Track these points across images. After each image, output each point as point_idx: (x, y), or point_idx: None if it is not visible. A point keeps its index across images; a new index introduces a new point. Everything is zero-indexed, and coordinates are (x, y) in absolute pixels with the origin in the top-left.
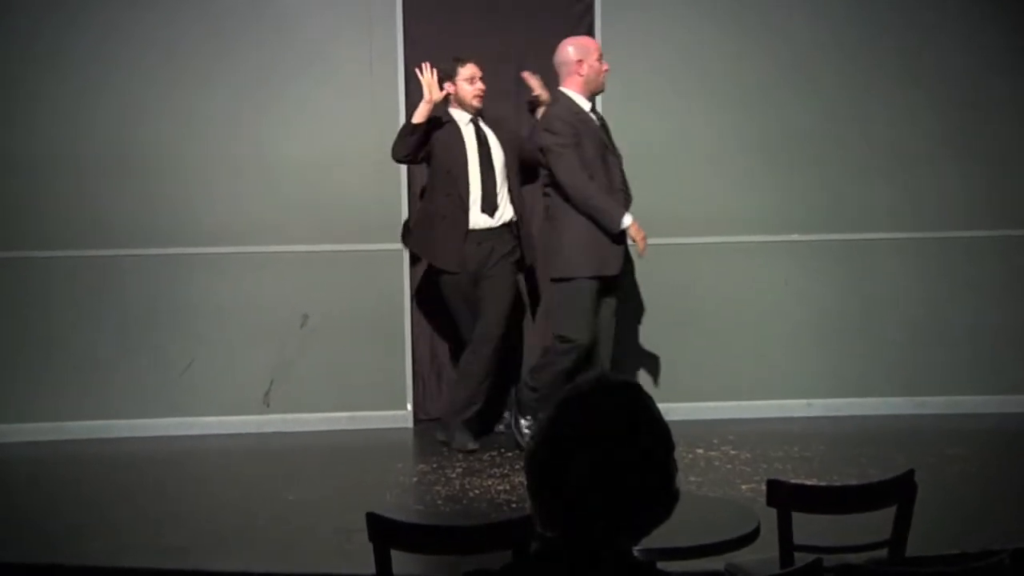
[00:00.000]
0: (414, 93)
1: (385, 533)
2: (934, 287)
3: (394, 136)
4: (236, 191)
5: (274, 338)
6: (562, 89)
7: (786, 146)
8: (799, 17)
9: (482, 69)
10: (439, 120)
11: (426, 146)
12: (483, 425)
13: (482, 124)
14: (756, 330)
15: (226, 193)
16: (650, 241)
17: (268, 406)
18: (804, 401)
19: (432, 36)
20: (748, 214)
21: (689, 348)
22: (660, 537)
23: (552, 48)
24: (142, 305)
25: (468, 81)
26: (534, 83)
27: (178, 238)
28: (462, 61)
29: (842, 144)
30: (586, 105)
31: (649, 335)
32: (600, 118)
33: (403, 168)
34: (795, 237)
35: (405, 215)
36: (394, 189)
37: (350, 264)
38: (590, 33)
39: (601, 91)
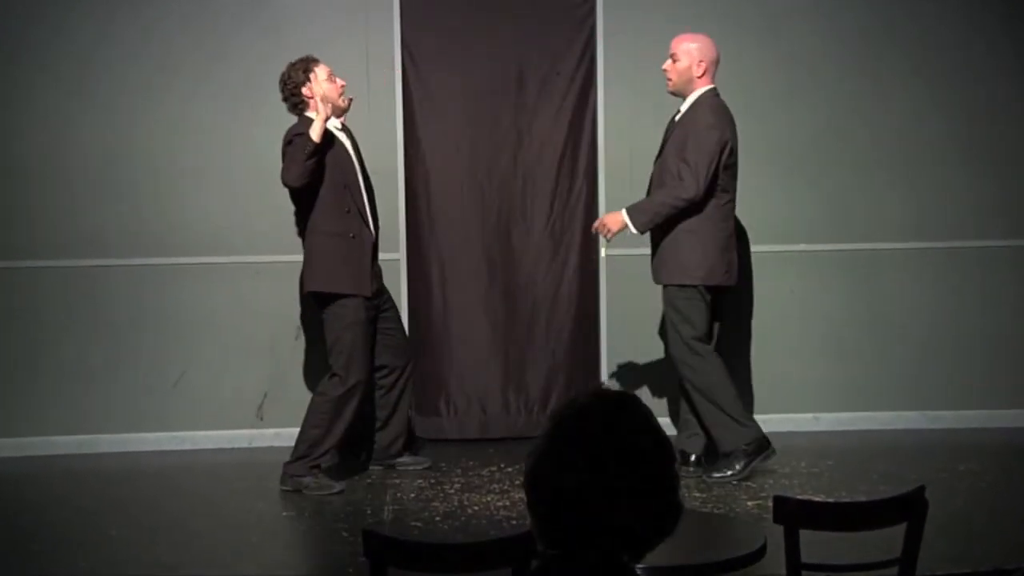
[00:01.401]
0: (411, 100)
1: (382, 550)
2: (943, 298)
3: (392, 143)
4: (229, 200)
5: (268, 350)
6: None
7: (792, 154)
8: (805, 22)
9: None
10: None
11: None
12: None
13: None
14: (762, 342)
15: (218, 202)
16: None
17: (261, 420)
18: (811, 415)
19: (429, 41)
20: (754, 223)
21: None
22: (664, 554)
23: (552, 52)
24: (133, 316)
25: (328, 80)
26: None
27: (169, 248)
28: (315, 61)
29: (850, 153)
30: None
31: (650, 347)
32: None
33: (400, 175)
34: (802, 247)
35: (403, 224)
36: (391, 197)
37: None
38: (592, 37)
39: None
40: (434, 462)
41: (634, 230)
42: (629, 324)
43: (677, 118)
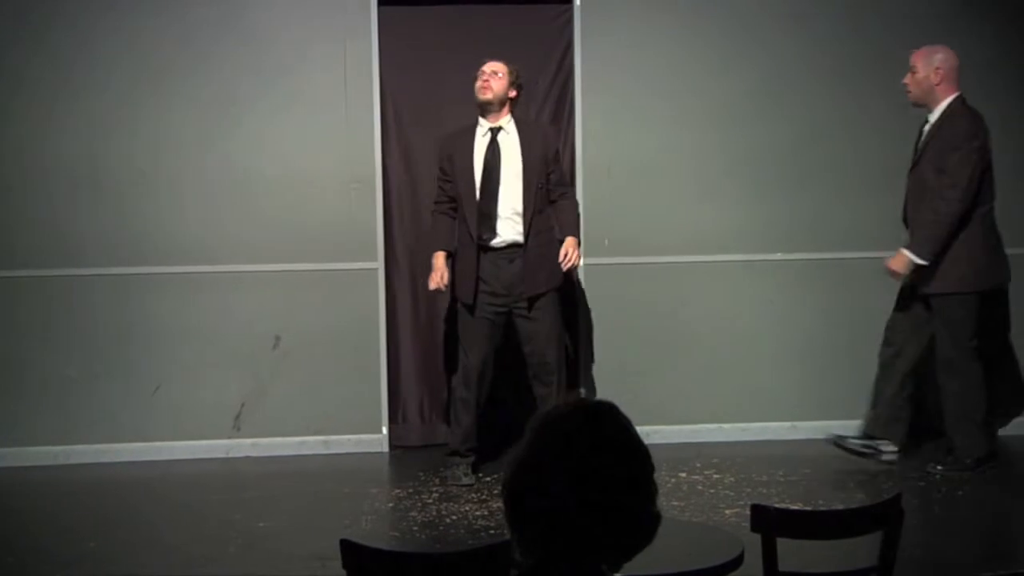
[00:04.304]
0: (389, 109)
1: (359, 561)
2: None
3: (369, 153)
4: (207, 209)
5: (245, 360)
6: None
7: (770, 164)
8: (784, 33)
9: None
10: (460, 138)
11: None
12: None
13: (503, 134)
14: (740, 351)
15: (197, 211)
16: (631, 260)
17: (238, 430)
18: (789, 423)
19: (408, 51)
20: (732, 233)
21: (671, 369)
22: (642, 564)
23: (529, 62)
24: (110, 326)
25: (477, 77)
26: None
27: (147, 257)
28: (482, 62)
29: (827, 162)
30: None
31: (630, 355)
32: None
33: (378, 186)
34: (779, 256)
35: (380, 233)
36: (369, 207)
37: (324, 284)
38: (569, 47)
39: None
40: (412, 471)
41: (923, 262)
42: (607, 333)
43: (927, 128)
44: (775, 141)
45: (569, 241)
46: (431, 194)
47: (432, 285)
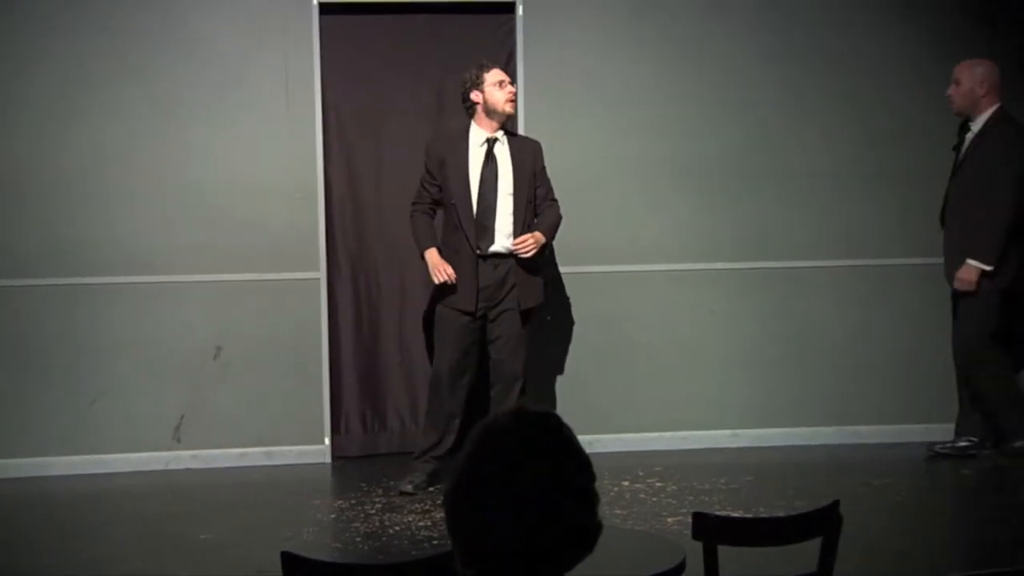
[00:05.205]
0: (331, 118)
1: (301, 573)
2: (862, 315)
3: (312, 161)
4: (147, 219)
5: (186, 371)
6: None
7: (715, 173)
8: (730, 44)
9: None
10: (453, 144)
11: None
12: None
13: (498, 145)
14: (682, 360)
15: (137, 221)
16: (575, 269)
17: (179, 441)
18: (730, 432)
19: (349, 61)
20: (676, 242)
21: (614, 378)
22: (584, 573)
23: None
24: (48, 337)
25: (497, 86)
26: None
27: (86, 268)
28: (486, 67)
29: (769, 172)
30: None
31: (573, 364)
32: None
33: (320, 195)
34: (723, 265)
35: (323, 243)
36: (311, 216)
37: (266, 294)
38: (512, 57)
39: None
40: (355, 482)
41: (989, 267)
42: (549, 341)
43: (969, 136)
44: (721, 150)
45: (535, 233)
46: (374, 204)
47: (439, 279)
